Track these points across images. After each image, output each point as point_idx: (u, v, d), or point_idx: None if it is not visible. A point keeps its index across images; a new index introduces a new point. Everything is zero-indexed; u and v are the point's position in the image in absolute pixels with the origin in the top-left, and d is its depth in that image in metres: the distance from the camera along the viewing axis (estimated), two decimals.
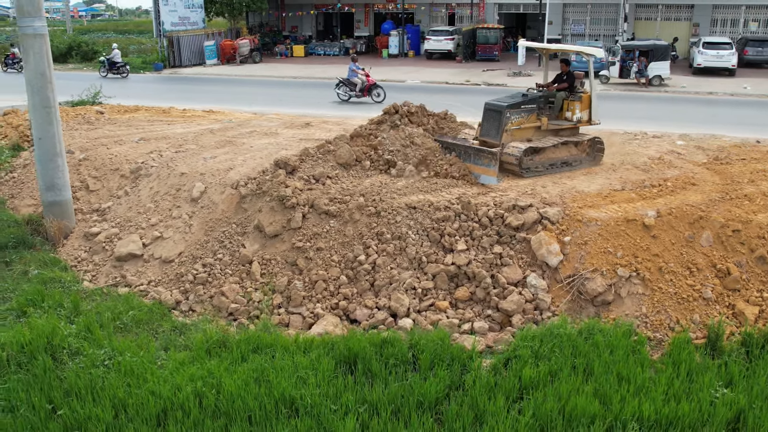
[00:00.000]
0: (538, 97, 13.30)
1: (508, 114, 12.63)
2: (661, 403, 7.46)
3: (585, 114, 13.45)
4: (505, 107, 12.64)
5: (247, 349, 8.46)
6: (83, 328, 9.02)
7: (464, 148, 12.80)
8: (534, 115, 13.08)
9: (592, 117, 13.51)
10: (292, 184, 11.42)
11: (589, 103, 13.43)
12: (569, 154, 13.20)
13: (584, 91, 13.69)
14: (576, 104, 13.41)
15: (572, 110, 13.46)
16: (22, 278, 11.20)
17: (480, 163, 12.51)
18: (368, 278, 10.33)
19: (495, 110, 12.82)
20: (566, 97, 13.57)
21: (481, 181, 12.33)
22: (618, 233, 10.44)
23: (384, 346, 8.58)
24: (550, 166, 12.90)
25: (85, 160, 14.55)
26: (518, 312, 9.76)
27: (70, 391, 7.62)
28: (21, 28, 11.70)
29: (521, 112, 12.88)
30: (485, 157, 12.41)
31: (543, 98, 13.41)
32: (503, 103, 12.80)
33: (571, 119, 13.46)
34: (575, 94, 13.55)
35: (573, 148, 13.24)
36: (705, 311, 9.78)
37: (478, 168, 12.50)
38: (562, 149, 13.09)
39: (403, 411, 7.34)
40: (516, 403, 7.62)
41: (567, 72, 13.81)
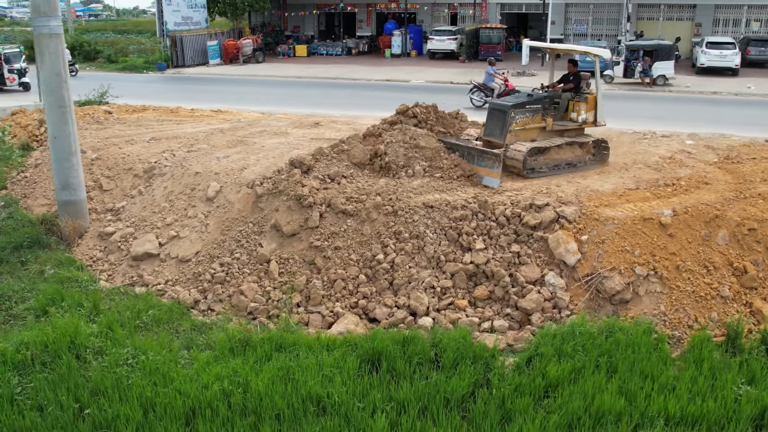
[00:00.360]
0: (543, 97, 13.21)
1: (512, 114, 12.53)
2: (686, 401, 7.50)
3: (590, 115, 13.36)
4: (509, 107, 12.55)
5: (270, 348, 8.48)
6: (105, 327, 9.04)
7: (467, 149, 12.62)
8: (539, 115, 12.98)
9: (597, 118, 13.41)
10: (308, 183, 11.44)
11: (594, 104, 13.34)
12: (574, 156, 13.09)
13: (590, 92, 13.60)
14: (581, 105, 13.31)
15: (577, 111, 13.37)
16: (38, 278, 11.22)
17: (483, 164, 12.32)
18: (387, 277, 10.35)
19: (499, 110, 12.74)
20: (572, 98, 13.48)
21: (484, 182, 12.15)
22: (635, 232, 10.48)
23: (406, 345, 8.62)
24: (554, 167, 12.79)
25: (97, 159, 14.56)
26: (537, 310, 9.80)
27: (97, 390, 7.64)
28: (36, 27, 11.70)
29: (526, 112, 12.78)
30: (488, 158, 12.22)
31: (548, 99, 13.32)
32: (508, 103, 12.72)
33: (576, 120, 13.36)
34: (581, 95, 13.46)
35: (578, 149, 13.13)
36: (723, 309, 9.83)
37: (481, 169, 12.34)
38: (566, 150, 12.98)
39: (430, 409, 7.37)
40: (542, 401, 7.65)
41: (574, 72, 13.72)
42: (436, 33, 40.81)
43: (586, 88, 13.73)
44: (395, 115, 14.22)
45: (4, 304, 10.32)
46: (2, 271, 11.45)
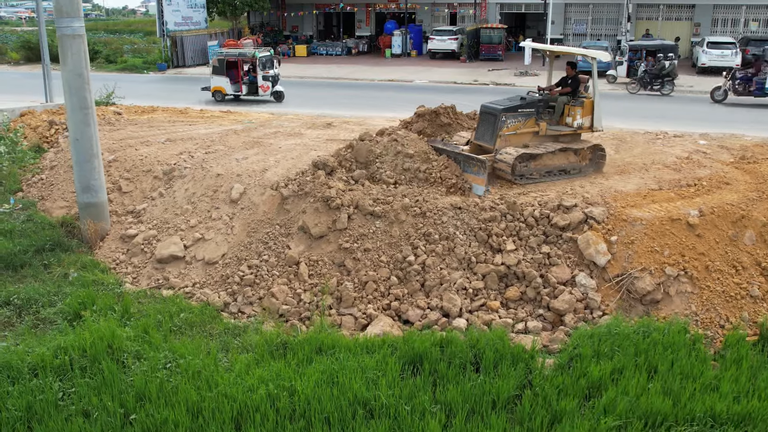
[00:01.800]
0: (537, 100, 12.69)
1: (503, 118, 12.05)
2: (731, 400, 7.54)
3: (587, 120, 12.70)
4: (500, 110, 12.06)
5: (310, 351, 8.46)
6: (141, 331, 8.99)
7: (455, 154, 12.15)
8: (532, 119, 12.47)
9: (594, 123, 12.77)
10: (334, 185, 11.42)
11: (591, 109, 12.68)
12: (568, 162, 12.55)
13: (587, 96, 12.94)
14: (577, 110, 12.65)
15: (573, 116, 12.71)
16: (63, 281, 11.15)
17: (469, 170, 11.87)
18: (418, 278, 10.35)
19: (490, 113, 12.25)
20: (568, 102, 12.89)
21: (471, 189, 11.73)
22: (663, 232, 10.53)
23: (445, 347, 8.63)
24: (546, 173, 12.30)
25: (114, 161, 14.47)
26: (570, 311, 9.82)
27: (141, 395, 7.59)
28: (59, 28, 11.63)
29: (518, 116, 12.27)
30: (474, 164, 11.75)
31: (543, 102, 12.80)
32: (499, 106, 12.22)
33: (572, 125, 12.75)
34: (577, 99, 12.83)
35: (572, 155, 12.59)
36: (753, 309, 9.90)
37: (468, 176, 11.88)
38: (560, 156, 12.46)
39: (478, 411, 7.37)
40: (587, 402, 7.68)
41: (573, 75, 13.10)
42: (436, 33, 40.82)
43: (584, 91, 13.14)
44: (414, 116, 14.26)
45: (31, 307, 10.25)
46: (26, 275, 11.38)
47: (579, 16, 42.33)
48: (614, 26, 41.19)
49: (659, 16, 40.73)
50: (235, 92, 25.29)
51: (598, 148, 12.96)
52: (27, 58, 41.00)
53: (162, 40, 38.10)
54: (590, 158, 12.89)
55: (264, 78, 24.73)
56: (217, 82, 25.17)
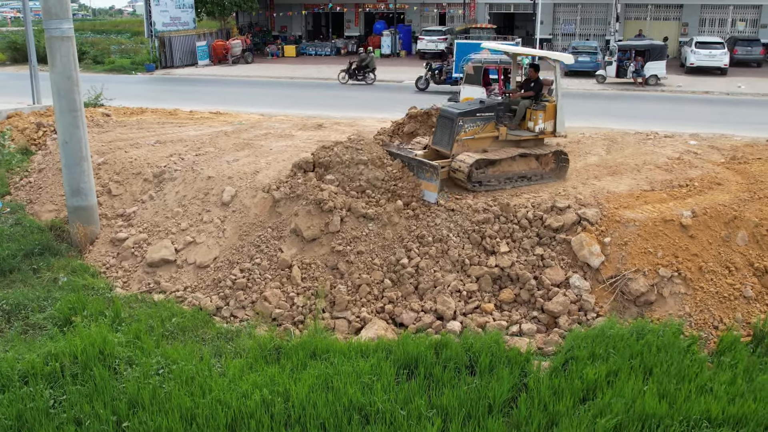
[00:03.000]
0: (497, 104, 12.26)
1: (460, 122, 11.67)
2: (726, 402, 7.54)
3: (549, 125, 12.30)
4: (457, 114, 11.68)
5: (304, 356, 8.39)
6: (132, 336, 8.89)
7: (408, 159, 11.72)
8: (492, 123, 12.05)
9: (557, 128, 12.39)
10: (327, 187, 11.34)
11: (554, 113, 12.30)
12: (528, 168, 12.24)
13: (550, 99, 12.55)
14: (539, 114, 12.23)
15: (535, 120, 12.31)
16: (52, 286, 11.01)
17: (422, 176, 11.44)
18: (412, 281, 10.31)
19: (447, 117, 11.86)
20: (529, 106, 12.46)
21: (424, 197, 11.37)
22: (656, 233, 10.54)
23: (440, 350, 8.59)
24: (506, 180, 11.95)
25: (104, 164, 14.33)
26: (564, 313, 9.81)
27: (134, 402, 7.50)
28: (48, 30, 11.47)
29: (476, 120, 11.88)
30: (427, 170, 11.32)
31: (503, 105, 12.32)
32: (456, 110, 11.84)
33: (533, 130, 12.35)
34: (539, 103, 12.41)
35: (533, 161, 12.29)
36: (747, 309, 9.93)
37: (422, 182, 11.45)
38: (520, 162, 12.10)
39: (474, 415, 7.33)
40: (582, 405, 7.65)
41: (536, 78, 12.69)
42: (426, 33, 40.82)
43: (548, 95, 12.70)
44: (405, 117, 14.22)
45: (20, 313, 10.11)
46: (15, 280, 11.23)
47: (568, 17, 42.47)
48: (603, 26, 41.37)
49: (647, 16, 40.95)
50: None
51: (561, 154, 12.54)
52: (13, 59, 40.63)
53: (150, 40, 37.87)
54: (553, 164, 12.54)
55: None
56: (471, 92, 21.18)
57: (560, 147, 12.73)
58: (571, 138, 15.85)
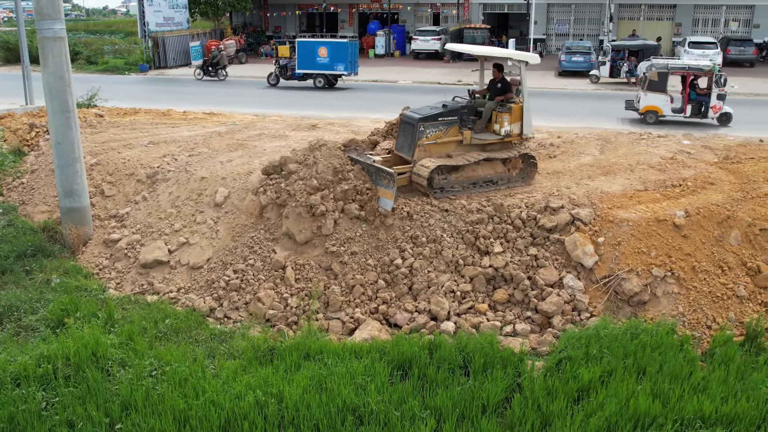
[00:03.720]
0: (461, 107, 11.81)
1: (421, 127, 11.33)
2: (719, 402, 7.56)
3: (515, 127, 11.93)
4: (417, 120, 11.34)
5: (298, 357, 8.38)
6: (125, 337, 8.86)
7: (367, 165, 11.41)
8: (455, 127, 11.65)
9: (524, 130, 12.02)
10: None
11: (520, 115, 11.91)
12: (494, 172, 11.86)
13: (515, 101, 12.10)
14: (505, 116, 11.83)
15: (500, 123, 11.87)
16: (45, 287, 10.96)
17: (380, 183, 11.15)
18: (406, 282, 10.30)
19: (408, 123, 11.56)
20: (495, 108, 12.06)
21: (380, 204, 11.06)
22: (650, 233, 10.56)
23: (433, 350, 8.59)
24: (470, 185, 11.63)
25: (97, 164, 14.27)
26: (558, 313, 9.82)
27: (127, 404, 7.47)
28: (40, 30, 11.43)
29: (438, 125, 11.49)
30: (384, 176, 11.03)
31: (467, 109, 11.88)
32: (417, 115, 11.46)
33: (499, 133, 11.93)
34: (504, 105, 11.98)
35: (500, 165, 11.90)
36: (740, 309, 9.95)
37: (379, 189, 11.15)
38: (485, 166, 11.77)
39: (468, 416, 7.33)
40: (576, 405, 7.66)
41: (501, 78, 12.28)
42: (419, 33, 40.83)
43: (516, 96, 12.23)
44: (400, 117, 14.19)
45: (13, 315, 10.07)
46: (7, 281, 11.18)
47: (561, 17, 42.56)
48: (596, 26, 41.48)
49: (641, 16, 41.08)
50: (677, 112, 20.60)
51: (529, 157, 12.18)
52: (5, 59, 40.44)
53: (143, 40, 37.74)
54: (522, 167, 12.20)
55: (719, 96, 20.31)
56: (653, 100, 20.43)
57: (528, 150, 12.37)
58: (565, 138, 15.89)
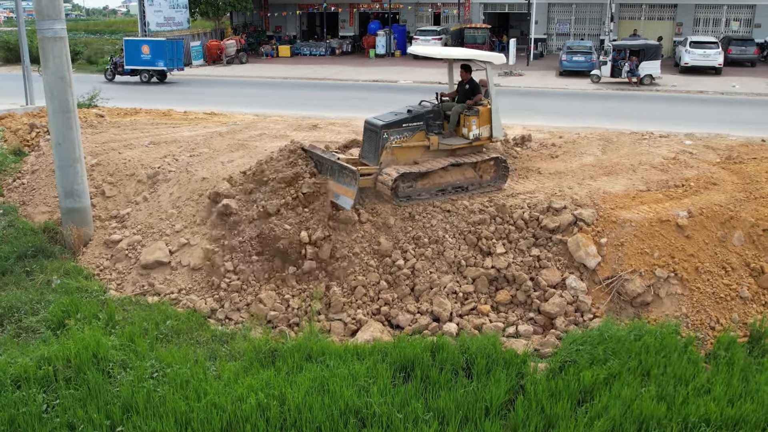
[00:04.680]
0: (426, 112, 11.52)
1: (385, 135, 11.06)
2: (725, 404, 7.52)
3: (485, 130, 11.63)
4: (380, 126, 11.09)
5: (300, 358, 8.33)
6: (126, 339, 8.81)
7: (330, 162, 11.14)
8: (421, 133, 11.36)
9: (493, 133, 11.73)
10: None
11: (489, 118, 11.62)
12: (464, 178, 11.55)
13: (483, 103, 11.81)
14: (472, 119, 11.51)
15: (468, 126, 11.58)
16: (45, 288, 10.91)
17: (342, 181, 10.93)
18: (408, 283, 10.26)
19: (371, 130, 11.31)
20: (462, 111, 11.78)
21: (338, 202, 10.85)
22: (653, 234, 10.52)
23: (436, 352, 8.54)
24: (438, 192, 11.29)
25: (97, 165, 14.23)
26: (561, 314, 9.78)
27: (128, 406, 7.42)
28: (40, 31, 11.39)
29: (403, 131, 11.22)
30: (347, 175, 10.80)
31: (433, 113, 11.58)
32: (380, 122, 11.22)
33: (468, 136, 11.64)
34: (472, 108, 11.71)
35: (469, 170, 11.61)
36: (743, 310, 9.91)
37: (339, 187, 10.96)
38: (454, 172, 11.44)
39: (471, 418, 7.29)
40: (580, 407, 7.62)
41: (469, 79, 12.01)
42: (420, 33, 40.75)
43: (484, 97, 11.94)
44: None
45: (13, 316, 10.02)
46: (8, 282, 11.13)
47: (562, 16, 42.50)
48: (597, 26, 41.42)
49: (642, 15, 41.02)
50: None
51: (500, 161, 11.84)
52: (6, 60, 40.41)
53: None
54: (494, 171, 11.85)
55: None
56: None
57: (498, 154, 12.09)
58: (567, 138, 15.85)
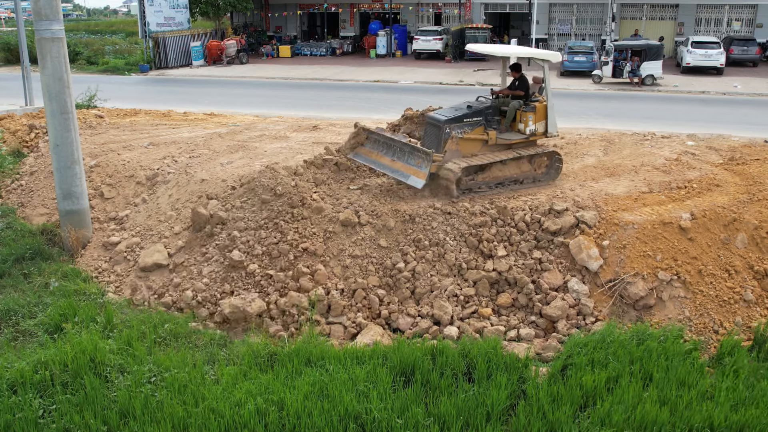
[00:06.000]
0: (485, 108, 11.92)
1: (447, 129, 11.45)
2: (729, 409, 7.43)
3: (540, 126, 12.04)
4: (443, 122, 11.48)
5: (299, 363, 8.25)
6: (124, 343, 8.73)
7: (400, 144, 11.63)
8: (480, 128, 11.76)
9: (548, 129, 12.13)
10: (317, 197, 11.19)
11: (544, 114, 12.03)
12: (520, 171, 11.97)
13: (539, 99, 12.26)
14: (529, 115, 11.93)
15: (525, 122, 12.00)
16: (43, 291, 10.84)
17: (411, 162, 11.34)
18: (408, 286, 10.17)
19: (434, 125, 11.69)
20: (519, 107, 12.17)
21: (408, 182, 11.23)
22: (655, 236, 10.43)
23: (436, 356, 8.45)
24: (496, 185, 11.73)
25: (96, 166, 14.16)
26: (562, 318, 9.68)
27: (125, 411, 7.34)
28: (38, 31, 11.30)
29: (464, 126, 11.61)
30: (419, 156, 11.25)
31: (491, 109, 11.99)
32: (443, 117, 11.63)
33: (524, 132, 12.03)
34: (529, 104, 12.10)
35: (526, 164, 12.03)
36: (747, 313, 9.82)
37: (408, 168, 11.34)
38: (511, 166, 11.87)
39: (473, 423, 7.20)
40: (582, 412, 7.53)
41: (519, 77, 12.36)
42: (421, 33, 40.68)
43: (539, 94, 12.41)
44: (402, 118, 14.10)
45: (10, 319, 9.95)
46: (5, 285, 11.06)
47: (563, 16, 42.38)
48: (599, 26, 41.30)
49: (643, 15, 40.89)
50: None
51: (555, 155, 12.30)
52: (6, 60, 40.36)
53: (144, 41, 37.62)
54: (547, 166, 12.28)
55: None
56: None
57: (555, 147, 12.40)
58: (568, 139, 15.76)
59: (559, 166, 12.38)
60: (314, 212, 11.02)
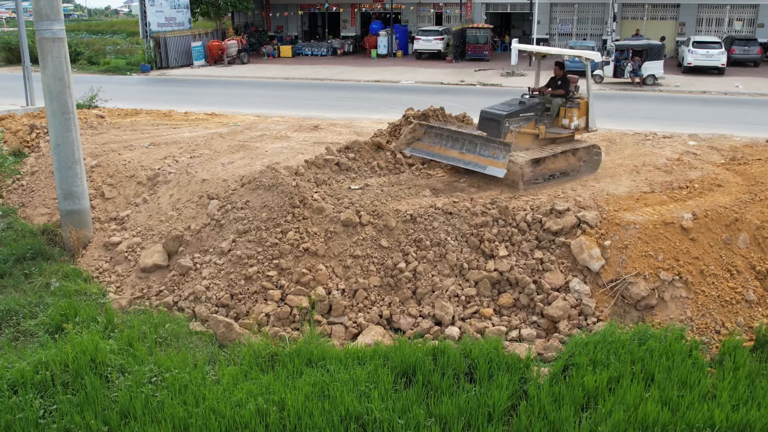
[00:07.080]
0: (537, 103, 12.73)
1: (506, 123, 12.11)
2: (730, 409, 7.41)
3: (582, 121, 12.90)
4: (504, 116, 12.14)
5: (300, 363, 8.23)
6: (125, 343, 8.72)
7: (470, 137, 12.15)
8: (532, 122, 12.55)
9: (589, 124, 12.95)
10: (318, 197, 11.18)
11: (586, 110, 12.86)
12: (567, 164, 12.66)
13: (581, 96, 13.07)
14: (574, 111, 12.77)
15: (569, 117, 12.82)
16: (44, 291, 10.83)
17: (486, 153, 11.86)
18: (410, 286, 10.15)
19: (492, 119, 12.27)
20: (563, 104, 12.93)
21: (486, 171, 11.75)
22: (657, 236, 10.41)
23: (438, 356, 8.44)
24: (549, 177, 12.36)
25: (97, 166, 14.15)
26: (564, 318, 9.66)
27: (126, 411, 7.33)
28: (39, 31, 11.29)
29: (520, 120, 12.36)
30: (495, 147, 11.78)
31: (541, 105, 12.81)
32: (502, 112, 12.28)
33: (569, 127, 12.85)
34: (572, 101, 12.91)
35: (571, 157, 12.72)
36: (749, 313, 9.79)
37: (483, 159, 11.86)
38: (560, 159, 12.54)
39: (474, 424, 7.19)
40: (584, 412, 7.51)
41: (562, 76, 13.10)
42: (422, 33, 40.70)
43: (575, 91, 13.18)
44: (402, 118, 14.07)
45: (11, 319, 9.93)
46: (6, 285, 11.04)
47: (564, 16, 42.37)
48: (600, 26, 41.29)
49: (644, 15, 40.88)
50: None
51: (595, 148, 13.09)
52: (7, 60, 40.40)
53: (145, 41, 37.64)
54: (587, 159, 12.98)
55: None
56: None
57: (593, 141, 13.27)
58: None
59: (598, 159, 13.11)
60: (315, 212, 11.01)
